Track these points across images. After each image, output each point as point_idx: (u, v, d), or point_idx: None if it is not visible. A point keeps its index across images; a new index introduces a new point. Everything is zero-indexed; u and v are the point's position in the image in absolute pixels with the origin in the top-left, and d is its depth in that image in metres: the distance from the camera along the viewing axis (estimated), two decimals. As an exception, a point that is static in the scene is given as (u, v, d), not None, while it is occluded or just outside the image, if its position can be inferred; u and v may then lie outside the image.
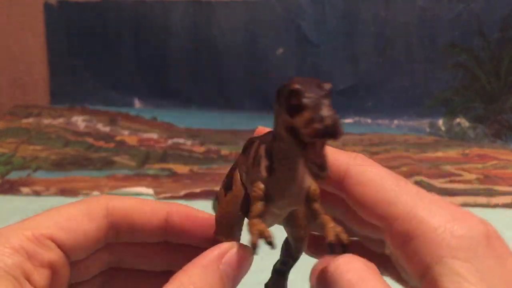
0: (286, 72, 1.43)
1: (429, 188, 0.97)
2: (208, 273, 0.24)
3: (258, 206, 0.23)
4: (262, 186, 0.23)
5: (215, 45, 1.43)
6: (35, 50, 1.48)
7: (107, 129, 1.32)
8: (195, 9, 1.43)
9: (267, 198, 0.23)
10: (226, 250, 0.25)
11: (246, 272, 0.26)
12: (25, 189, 0.96)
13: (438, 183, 1.00)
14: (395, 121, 1.38)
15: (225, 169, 1.18)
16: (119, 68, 1.48)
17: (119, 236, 0.27)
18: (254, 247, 0.22)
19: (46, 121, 1.35)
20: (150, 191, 0.95)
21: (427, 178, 1.02)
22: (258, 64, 1.44)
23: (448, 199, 0.94)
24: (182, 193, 0.95)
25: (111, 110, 1.41)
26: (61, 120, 1.36)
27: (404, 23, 1.39)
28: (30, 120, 1.36)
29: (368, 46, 1.41)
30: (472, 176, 1.04)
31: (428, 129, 1.37)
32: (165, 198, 0.93)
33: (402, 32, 1.39)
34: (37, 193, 0.95)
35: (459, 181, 1.02)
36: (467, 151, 1.20)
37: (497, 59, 1.37)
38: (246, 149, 0.26)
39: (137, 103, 1.48)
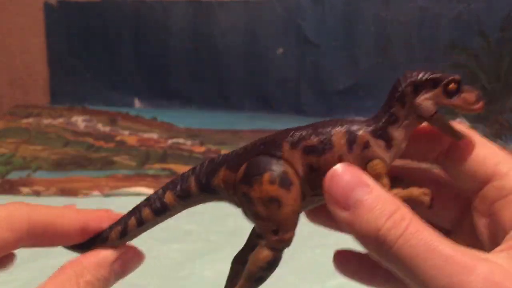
0: (286, 72, 1.43)
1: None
2: (99, 269, 0.27)
3: (387, 180, 0.27)
4: (380, 162, 0.27)
5: (215, 45, 1.44)
6: (35, 50, 1.48)
7: (107, 129, 1.32)
8: (195, 9, 1.43)
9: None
10: (123, 253, 0.28)
11: (129, 272, 0.28)
12: (25, 189, 0.96)
13: (438, 183, 1.00)
14: (395, 121, 1.38)
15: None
16: (119, 68, 1.48)
17: (36, 243, 0.28)
18: (431, 206, 0.27)
19: (46, 121, 1.35)
20: (150, 191, 0.95)
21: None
22: (258, 64, 1.44)
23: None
24: (182, 193, 0.95)
25: (111, 110, 1.41)
26: (61, 120, 1.36)
27: (404, 23, 1.39)
28: (30, 120, 1.36)
29: (368, 46, 1.41)
30: (472, 176, 1.04)
31: (428, 129, 1.37)
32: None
33: (402, 32, 1.39)
34: (37, 193, 0.95)
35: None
36: (467, 151, 1.20)
37: (497, 59, 1.37)
38: (298, 143, 0.28)
39: (137, 103, 1.48)
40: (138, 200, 0.30)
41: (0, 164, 1.08)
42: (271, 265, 0.28)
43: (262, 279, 0.28)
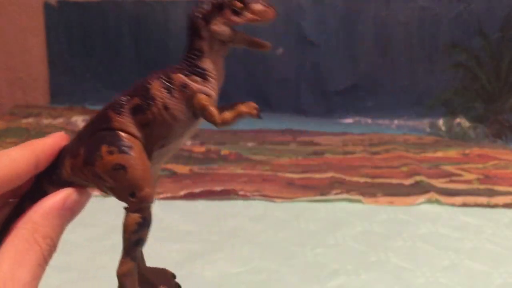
0: (286, 72, 1.43)
1: (429, 188, 0.97)
2: (50, 219, 0.27)
3: (215, 108, 0.29)
4: (202, 95, 0.29)
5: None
6: (35, 50, 1.48)
7: (107, 129, 1.31)
8: (195, 9, 1.43)
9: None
10: (66, 197, 0.28)
11: (79, 212, 0.28)
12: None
13: (438, 183, 1.00)
14: (395, 121, 1.38)
15: (225, 169, 1.16)
16: (119, 68, 1.48)
17: None
18: (259, 116, 0.28)
19: (46, 121, 1.35)
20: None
21: (427, 178, 1.02)
22: (258, 64, 1.44)
23: (448, 199, 0.94)
24: (182, 193, 0.95)
25: (111, 110, 1.41)
26: (60, 120, 1.36)
27: (404, 23, 1.39)
28: (30, 120, 1.36)
29: (368, 46, 1.41)
30: (472, 176, 1.04)
31: (428, 129, 1.37)
32: (165, 198, 0.93)
33: (402, 32, 1.39)
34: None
35: (459, 181, 1.02)
36: (467, 151, 1.20)
37: (497, 59, 1.37)
38: (123, 108, 0.29)
39: (137, 103, 1.48)
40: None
41: (0, 164, 1.08)
42: (142, 225, 0.28)
43: (140, 240, 0.29)
